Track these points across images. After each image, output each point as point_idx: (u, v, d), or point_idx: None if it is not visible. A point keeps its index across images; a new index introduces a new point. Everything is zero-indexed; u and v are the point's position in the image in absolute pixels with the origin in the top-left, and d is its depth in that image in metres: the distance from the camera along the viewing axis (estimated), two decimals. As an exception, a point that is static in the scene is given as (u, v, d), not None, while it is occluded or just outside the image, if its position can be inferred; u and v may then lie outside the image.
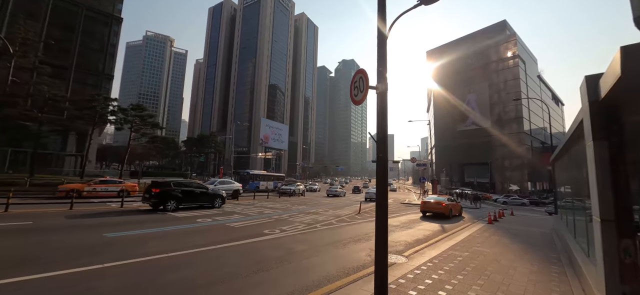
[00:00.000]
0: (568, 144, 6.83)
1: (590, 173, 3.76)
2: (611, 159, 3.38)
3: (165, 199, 12.85)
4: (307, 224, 11.13)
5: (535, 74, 75.04)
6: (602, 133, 3.45)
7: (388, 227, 10.71)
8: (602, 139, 3.44)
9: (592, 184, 3.61)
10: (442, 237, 9.71)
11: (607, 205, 3.35)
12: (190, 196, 14.10)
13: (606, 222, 3.35)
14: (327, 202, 23.14)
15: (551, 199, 39.01)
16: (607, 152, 3.41)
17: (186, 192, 13.90)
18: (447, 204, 15.62)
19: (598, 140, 3.46)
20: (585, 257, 5.90)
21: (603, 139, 3.44)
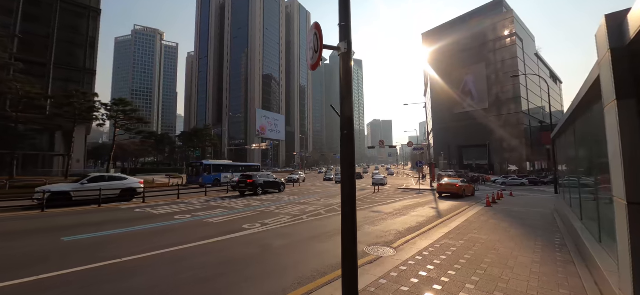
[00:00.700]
0: (575, 113, 6.01)
1: (610, 144, 2.95)
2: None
3: (255, 187, 18.52)
4: (294, 216, 10.39)
5: (533, 52, 73.56)
6: (629, 89, 2.61)
7: (380, 214, 9.95)
8: (630, 97, 2.61)
9: (615, 157, 2.80)
10: (437, 224, 9.00)
11: (636, 184, 2.54)
12: (270, 184, 20.32)
13: (636, 206, 2.56)
14: (320, 190, 22.47)
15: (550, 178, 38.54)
16: (636, 115, 2.58)
17: (268, 182, 20.25)
18: (461, 185, 18.27)
19: (624, 99, 2.63)
20: (596, 243, 5.16)
21: (630, 97, 2.61)
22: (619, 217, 2.85)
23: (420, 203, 14.98)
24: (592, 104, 4.59)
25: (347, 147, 3.29)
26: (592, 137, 5.16)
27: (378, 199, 16.93)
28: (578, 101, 5.24)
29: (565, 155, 10.55)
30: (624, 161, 2.59)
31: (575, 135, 6.56)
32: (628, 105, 2.59)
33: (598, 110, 4.43)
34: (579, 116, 6.15)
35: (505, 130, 60.08)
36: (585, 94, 4.23)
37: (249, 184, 18.46)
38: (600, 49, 3.03)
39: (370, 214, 11.14)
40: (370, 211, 11.81)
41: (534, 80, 66.98)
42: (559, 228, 8.40)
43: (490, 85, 64.78)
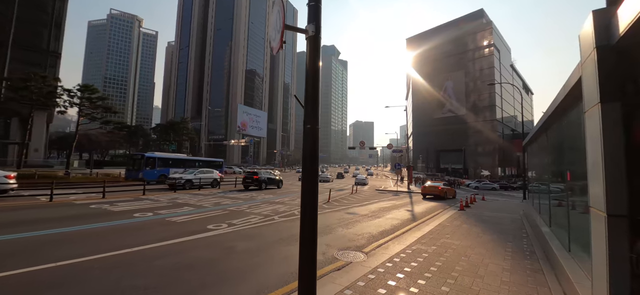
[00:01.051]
0: (549, 121, 5.97)
1: (590, 151, 2.74)
2: (626, 130, 2.34)
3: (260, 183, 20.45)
4: (265, 216, 9.87)
5: (509, 63, 77.02)
6: (614, 92, 2.39)
7: (355, 216, 9.63)
8: (614, 100, 2.39)
9: (595, 166, 2.59)
10: (411, 227, 8.84)
11: (618, 196, 2.33)
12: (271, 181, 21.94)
13: (615, 218, 2.34)
14: (297, 189, 21.98)
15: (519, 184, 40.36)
16: (620, 120, 2.36)
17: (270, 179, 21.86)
18: (443, 188, 19.99)
19: (609, 102, 2.40)
20: (565, 252, 5.11)
21: (615, 101, 2.39)
22: (596, 228, 2.64)
23: (396, 205, 14.92)
24: (568, 110, 4.49)
25: (310, 142, 2.89)
26: (565, 145, 5.10)
27: (355, 200, 16.74)
28: (553, 107, 5.16)
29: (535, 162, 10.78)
30: (605, 170, 2.37)
31: (548, 142, 6.56)
32: (612, 109, 2.38)
33: (575, 117, 4.32)
34: (553, 123, 6.13)
35: (480, 137, 62.45)
36: (563, 99, 4.08)
37: (255, 180, 20.74)
38: (584, 49, 2.82)
39: (346, 215, 10.85)
40: (346, 213, 11.52)
41: (508, 90, 70.13)
42: (528, 233, 8.50)
43: (468, 92, 67.08)
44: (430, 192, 19.77)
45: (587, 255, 4.28)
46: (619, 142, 2.34)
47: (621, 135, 2.33)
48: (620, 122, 2.35)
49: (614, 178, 2.33)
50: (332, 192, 19.45)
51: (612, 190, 2.33)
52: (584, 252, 4.41)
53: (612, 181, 2.33)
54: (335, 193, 20.26)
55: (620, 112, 2.35)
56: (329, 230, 8.15)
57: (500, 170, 60.03)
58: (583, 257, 4.34)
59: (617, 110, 2.36)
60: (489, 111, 63.18)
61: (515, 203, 19.81)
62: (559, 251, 5.16)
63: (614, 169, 2.34)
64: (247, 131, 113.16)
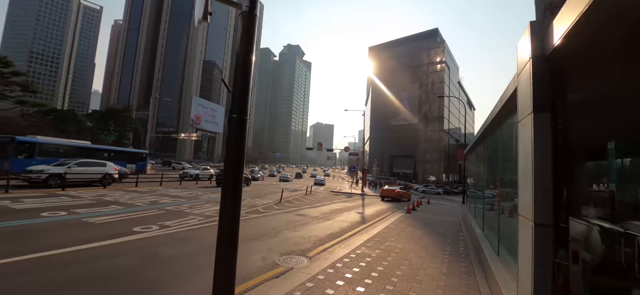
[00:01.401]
0: (485, 132, 6.34)
1: (521, 160, 2.76)
2: (554, 141, 2.35)
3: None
4: (206, 218, 9.04)
5: (456, 79, 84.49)
6: (546, 103, 2.40)
7: (305, 218, 9.29)
8: (546, 110, 2.40)
9: (525, 174, 2.60)
10: (359, 230, 8.81)
11: (545, 205, 2.33)
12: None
13: (542, 227, 2.34)
14: (248, 189, 21.05)
15: (460, 189, 44.32)
16: (550, 130, 2.37)
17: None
18: (399, 192, 22.16)
19: (540, 113, 2.41)
20: (495, 255, 5.40)
21: (546, 111, 2.40)
22: (523, 236, 2.66)
23: (348, 207, 15.03)
24: (503, 122, 4.72)
25: (235, 135, 2.46)
26: (497, 155, 5.40)
27: (308, 201, 16.49)
28: (490, 119, 5.44)
29: (473, 169, 11.67)
30: (534, 180, 2.36)
31: (485, 151, 6.97)
32: (544, 119, 2.38)
33: (507, 129, 4.54)
34: (489, 135, 6.53)
35: (429, 145, 67.39)
36: (499, 111, 4.24)
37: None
38: (520, 60, 2.85)
39: (295, 217, 10.48)
40: (296, 214, 11.17)
41: (455, 104, 76.80)
42: (464, 236, 9.05)
43: (421, 103, 71.91)
44: (388, 195, 21.75)
45: (513, 260, 4.52)
46: (547, 152, 2.35)
47: (550, 145, 2.34)
48: (549, 132, 2.36)
49: (542, 188, 2.33)
50: (284, 192, 18.95)
51: (540, 199, 2.32)
52: (510, 255, 4.66)
53: (540, 191, 2.33)
54: (288, 194, 19.79)
55: (550, 122, 2.36)
56: (275, 233, 7.70)
57: (445, 176, 65.33)
58: (509, 261, 4.58)
59: (548, 120, 2.37)
60: (438, 122, 68.45)
61: (455, 207, 21.47)
62: (490, 254, 5.44)
63: (542, 179, 2.33)
64: (201, 125, 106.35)
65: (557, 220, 2.30)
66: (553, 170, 2.32)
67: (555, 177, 2.32)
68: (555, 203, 2.30)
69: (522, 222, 2.69)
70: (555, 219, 2.30)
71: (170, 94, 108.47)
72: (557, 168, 2.33)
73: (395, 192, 21.74)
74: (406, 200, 22.29)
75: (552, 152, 2.34)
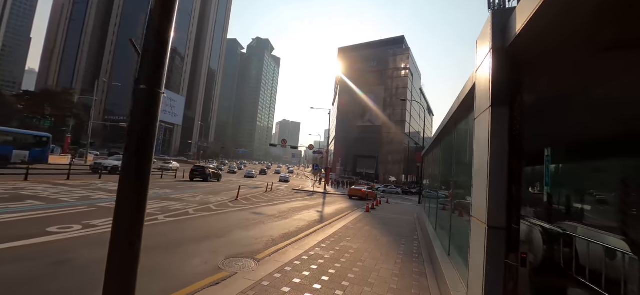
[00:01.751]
0: (442, 133, 6.39)
1: (477, 160, 2.60)
2: (511, 138, 2.19)
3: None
4: (147, 216, 8.03)
5: (418, 86, 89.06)
6: (505, 97, 2.23)
7: (261, 217, 8.72)
8: (504, 105, 2.23)
9: (479, 175, 2.43)
10: (316, 229, 8.50)
11: (498, 207, 2.15)
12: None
13: (495, 230, 2.17)
14: (205, 185, 19.73)
15: (417, 189, 46.75)
16: (506, 126, 2.21)
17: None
18: (365, 191, 23.98)
19: (498, 107, 2.23)
20: (446, 256, 5.41)
21: (504, 105, 2.23)
22: (476, 238, 2.49)
23: (308, 206, 14.70)
24: (459, 122, 4.69)
25: (143, 110, 1.91)
26: (453, 155, 5.42)
27: (267, 199, 15.85)
28: (446, 120, 5.44)
29: (429, 170, 12.07)
30: (489, 180, 2.18)
31: (440, 152, 7.07)
32: (502, 113, 2.21)
33: (463, 129, 4.51)
34: (444, 136, 6.62)
35: (391, 147, 70.16)
36: (456, 110, 4.16)
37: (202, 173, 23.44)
38: (479, 54, 2.69)
39: (250, 216, 9.86)
40: (252, 213, 10.53)
41: (416, 108, 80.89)
42: (418, 235, 9.22)
43: (385, 106, 74.48)
44: (356, 194, 23.57)
45: (462, 261, 4.51)
46: (503, 150, 2.18)
47: (506, 143, 2.18)
48: (506, 128, 2.19)
49: (497, 189, 2.15)
50: (243, 189, 18.10)
51: (494, 201, 2.15)
52: (460, 256, 4.66)
53: (495, 192, 2.15)
54: (248, 191, 18.93)
55: (508, 117, 2.19)
56: (224, 233, 7.06)
57: (404, 177, 68.48)
58: (459, 262, 4.57)
59: (505, 115, 2.21)
60: (400, 125, 71.50)
61: (412, 206, 22.34)
62: (441, 255, 5.45)
63: (497, 179, 2.16)
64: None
65: (509, 222, 2.14)
66: (508, 170, 2.16)
67: (510, 177, 2.16)
68: (508, 205, 2.14)
69: (475, 225, 2.52)
70: (508, 221, 2.14)
71: (122, 78, 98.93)
72: (511, 168, 2.17)
73: (362, 192, 23.46)
74: (372, 198, 23.13)
75: (507, 150, 2.18)
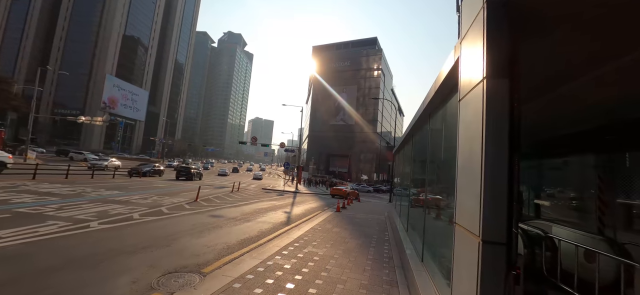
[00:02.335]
0: (414, 127, 5.95)
1: (464, 150, 2.02)
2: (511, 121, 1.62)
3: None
4: (75, 222, 6.76)
5: (390, 87, 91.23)
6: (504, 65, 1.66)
7: (219, 220, 7.69)
8: (503, 76, 1.65)
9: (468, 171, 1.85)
10: (280, 233, 7.73)
11: (498, 215, 1.57)
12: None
13: (493, 246, 1.58)
14: (163, 185, 18.06)
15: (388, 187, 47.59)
16: (507, 106, 1.64)
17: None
18: (346, 190, 24.48)
19: (496, 79, 1.65)
20: (419, 261, 4.93)
21: (503, 77, 1.65)
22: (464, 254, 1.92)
23: (276, 206, 13.84)
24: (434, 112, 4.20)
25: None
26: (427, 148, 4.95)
27: (231, 199, 14.75)
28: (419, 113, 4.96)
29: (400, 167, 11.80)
30: (485, 179, 1.59)
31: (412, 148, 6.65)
32: (501, 86, 1.62)
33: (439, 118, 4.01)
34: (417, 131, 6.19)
35: (363, 146, 71.10)
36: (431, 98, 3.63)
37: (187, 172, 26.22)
38: (466, 16, 2.12)
39: (207, 219, 8.83)
40: (209, 215, 9.48)
41: (388, 108, 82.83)
42: (389, 236, 8.82)
43: (358, 105, 75.25)
44: (337, 193, 24.24)
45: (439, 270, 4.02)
46: (503, 137, 1.60)
47: (507, 126, 1.60)
48: (507, 106, 1.62)
49: (495, 190, 1.58)
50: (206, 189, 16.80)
51: (492, 208, 1.57)
52: (435, 262, 4.19)
53: (492, 195, 1.57)
54: (212, 191, 17.60)
55: (508, 91, 1.62)
56: (170, 241, 6.06)
57: (376, 176, 69.69)
58: (435, 270, 4.09)
59: (505, 88, 1.62)
60: (372, 124, 72.64)
61: (383, 204, 22.34)
62: (413, 260, 4.97)
63: (495, 177, 1.58)
64: (117, 110, 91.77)
65: (510, 235, 1.57)
66: (509, 164, 1.58)
67: (511, 174, 1.58)
68: (509, 212, 1.57)
69: (461, 236, 1.95)
70: (509, 233, 1.57)
71: (74, 68, 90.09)
72: (512, 162, 1.60)
73: (343, 191, 24.41)
74: (353, 197, 24.65)
75: (508, 138, 1.60)
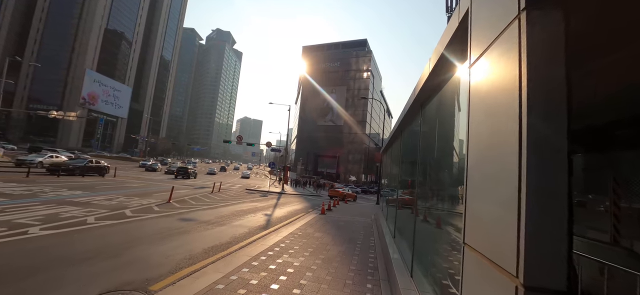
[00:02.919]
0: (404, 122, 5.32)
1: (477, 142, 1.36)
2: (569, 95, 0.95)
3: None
4: (14, 227, 5.78)
5: (379, 88, 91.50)
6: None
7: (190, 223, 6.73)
8: (553, 4, 0.98)
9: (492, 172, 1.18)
10: (255, 239, 6.96)
11: (552, 248, 0.89)
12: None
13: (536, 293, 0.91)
14: (137, 184, 16.86)
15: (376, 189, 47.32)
16: (563, 55, 0.97)
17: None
18: (343, 192, 25.84)
19: (542, 10, 0.98)
20: (408, 277, 4.28)
21: (555, 6, 0.98)
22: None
23: (257, 208, 13.00)
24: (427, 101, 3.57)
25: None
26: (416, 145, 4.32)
27: (209, 201, 13.80)
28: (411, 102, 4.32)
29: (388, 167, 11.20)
30: (526, 190, 0.91)
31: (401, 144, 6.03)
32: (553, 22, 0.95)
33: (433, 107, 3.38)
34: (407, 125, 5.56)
35: (352, 147, 70.86)
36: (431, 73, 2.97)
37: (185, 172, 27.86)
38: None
39: (175, 223, 7.93)
40: (179, 219, 8.57)
41: (376, 109, 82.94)
42: (375, 243, 8.20)
43: (347, 106, 74.98)
44: (336, 195, 24.89)
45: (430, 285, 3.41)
46: (561, 110, 0.93)
47: (564, 94, 0.93)
48: (563, 56, 0.95)
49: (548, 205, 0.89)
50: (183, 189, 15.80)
51: (544, 234, 0.89)
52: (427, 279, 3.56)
53: (543, 212, 0.89)
54: (190, 192, 16.55)
55: (564, 31, 0.95)
56: (122, 250, 5.19)
57: (364, 177, 69.51)
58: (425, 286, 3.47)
59: (561, 28, 0.95)
60: (361, 125, 72.47)
61: (370, 205, 21.82)
62: (400, 274, 4.32)
63: (548, 179, 0.90)
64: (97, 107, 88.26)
65: (571, 277, 0.91)
66: (569, 163, 0.92)
67: (570, 179, 0.92)
68: (569, 241, 0.90)
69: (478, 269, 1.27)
70: (569, 274, 0.90)
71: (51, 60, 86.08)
72: (571, 160, 0.93)
73: (340, 192, 25.60)
74: (352, 199, 25.76)
75: (567, 118, 0.93)
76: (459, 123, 2.50)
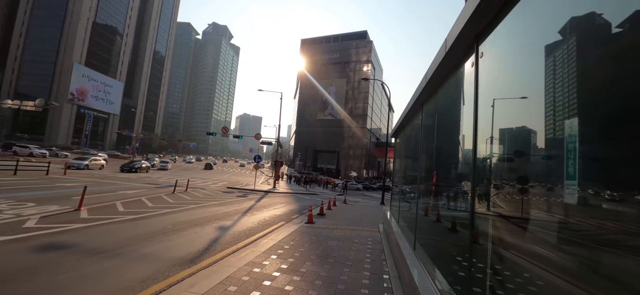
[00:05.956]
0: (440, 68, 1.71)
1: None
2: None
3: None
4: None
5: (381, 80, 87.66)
6: None
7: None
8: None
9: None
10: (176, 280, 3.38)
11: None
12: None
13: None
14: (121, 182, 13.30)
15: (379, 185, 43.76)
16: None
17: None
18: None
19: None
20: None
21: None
22: None
23: (217, 215, 9.32)
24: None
25: None
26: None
27: (163, 204, 10.17)
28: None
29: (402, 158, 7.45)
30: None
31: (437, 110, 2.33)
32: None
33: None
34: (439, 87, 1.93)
35: (352, 141, 67.13)
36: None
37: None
38: None
39: (22, 258, 4.31)
40: (37, 247, 4.93)
41: (377, 103, 79.20)
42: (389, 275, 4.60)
43: (347, 99, 71.21)
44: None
45: None
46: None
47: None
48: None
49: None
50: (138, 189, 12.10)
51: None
52: None
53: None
54: (148, 191, 12.95)
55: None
56: None
57: (365, 173, 65.93)
58: None
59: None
60: (362, 119, 68.72)
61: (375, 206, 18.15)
62: None
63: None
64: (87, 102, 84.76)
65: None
66: None
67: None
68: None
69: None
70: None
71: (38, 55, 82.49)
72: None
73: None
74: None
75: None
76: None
